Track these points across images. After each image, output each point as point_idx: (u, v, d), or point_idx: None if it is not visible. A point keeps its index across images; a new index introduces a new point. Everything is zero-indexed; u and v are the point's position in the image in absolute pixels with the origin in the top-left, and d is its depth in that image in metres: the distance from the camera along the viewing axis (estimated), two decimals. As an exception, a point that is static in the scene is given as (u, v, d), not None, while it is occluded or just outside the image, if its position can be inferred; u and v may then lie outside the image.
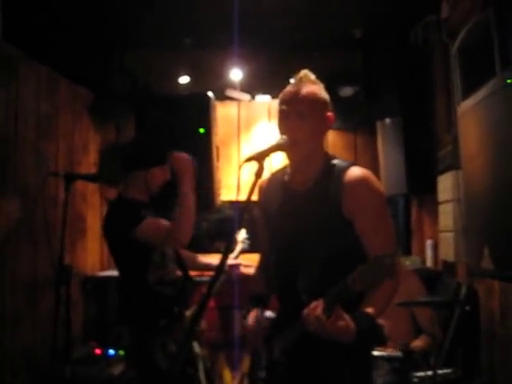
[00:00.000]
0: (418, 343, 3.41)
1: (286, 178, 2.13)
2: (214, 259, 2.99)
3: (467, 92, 2.03)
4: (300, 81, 2.00)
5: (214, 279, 1.79)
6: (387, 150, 4.82)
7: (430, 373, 2.97)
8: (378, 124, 4.94)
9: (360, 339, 1.71)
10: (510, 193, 1.72)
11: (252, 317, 2.10)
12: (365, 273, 1.59)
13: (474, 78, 1.95)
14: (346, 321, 1.68)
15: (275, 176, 2.21)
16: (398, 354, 3.13)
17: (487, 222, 1.92)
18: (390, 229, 1.97)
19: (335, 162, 2.02)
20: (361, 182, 1.92)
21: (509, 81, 1.66)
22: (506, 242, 1.79)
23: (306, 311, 1.69)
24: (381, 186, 2.00)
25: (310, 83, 2.00)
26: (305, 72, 2.03)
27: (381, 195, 1.96)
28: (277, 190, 2.15)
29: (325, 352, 1.87)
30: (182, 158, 2.86)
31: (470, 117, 2.01)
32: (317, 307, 1.67)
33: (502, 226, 1.81)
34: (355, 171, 1.95)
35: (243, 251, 3.64)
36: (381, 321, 2.12)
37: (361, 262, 1.82)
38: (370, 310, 1.78)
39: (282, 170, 2.17)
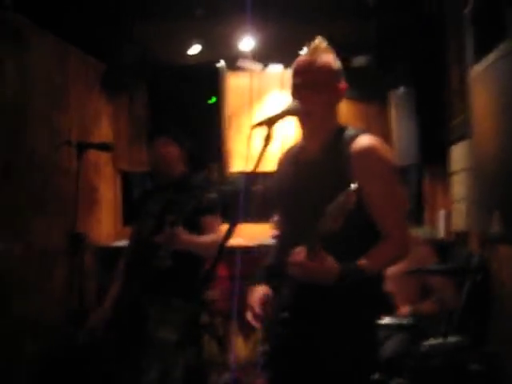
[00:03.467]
0: (425, 307, 3.42)
1: (299, 148, 2.13)
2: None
3: (479, 56, 2.00)
4: (314, 50, 1.98)
5: (220, 249, 1.80)
6: (400, 119, 4.78)
7: (439, 340, 2.99)
8: (391, 94, 4.90)
9: (342, 282, 1.73)
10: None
11: (255, 297, 2.05)
12: (330, 208, 1.62)
13: (486, 41, 1.92)
14: (329, 262, 1.71)
15: (291, 148, 2.21)
16: (407, 321, 3.15)
17: (497, 187, 1.91)
18: (400, 197, 1.95)
19: (347, 131, 2.00)
20: (369, 150, 1.89)
21: (519, 43, 1.64)
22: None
23: (290, 257, 1.73)
24: (390, 154, 1.97)
25: (323, 53, 1.97)
26: (319, 41, 2.00)
27: (389, 164, 1.94)
28: (290, 161, 2.14)
29: (324, 311, 1.88)
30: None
31: (481, 81, 1.98)
32: (300, 252, 1.71)
33: (511, 191, 1.79)
34: (364, 140, 1.92)
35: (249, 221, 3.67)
36: (388, 288, 2.13)
37: (368, 230, 1.83)
38: (361, 261, 1.79)
39: (296, 145, 2.17)
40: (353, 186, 1.61)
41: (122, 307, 2.86)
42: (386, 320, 3.12)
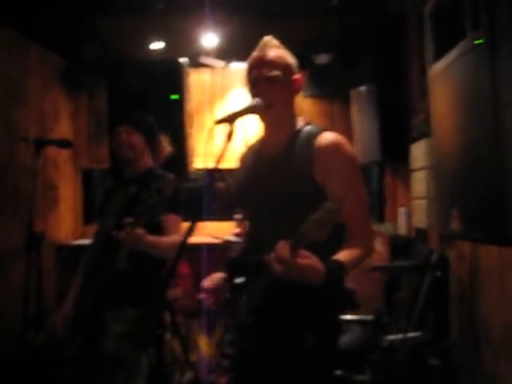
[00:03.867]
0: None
1: (259, 144, 2.14)
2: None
3: (438, 55, 2.02)
4: (264, 45, 2.01)
5: (181, 247, 1.78)
6: (362, 117, 4.82)
7: (399, 335, 3.02)
8: (353, 92, 4.94)
9: (329, 281, 1.70)
10: (478, 155, 1.73)
11: (209, 278, 2.09)
12: (316, 217, 1.59)
13: (445, 40, 1.95)
14: (314, 260, 1.68)
15: (252, 147, 2.22)
16: (369, 317, 3.18)
17: (455, 184, 1.94)
18: (362, 193, 1.96)
19: (307, 127, 2.02)
20: (333, 146, 1.91)
21: (477, 42, 1.66)
22: (474, 204, 1.81)
23: (272, 254, 1.68)
24: (353, 150, 1.99)
25: (274, 47, 2.01)
26: (268, 37, 2.04)
27: (353, 160, 1.96)
28: (251, 158, 2.15)
29: (290, 311, 1.88)
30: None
31: (440, 79, 2.00)
32: (283, 248, 1.65)
33: (470, 189, 1.82)
34: (327, 136, 1.94)
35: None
36: (352, 285, 2.14)
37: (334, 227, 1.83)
38: (339, 259, 1.79)
39: (258, 141, 2.18)
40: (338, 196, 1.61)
41: (81, 310, 2.77)
42: (348, 316, 3.15)
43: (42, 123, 4.75)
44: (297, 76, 2.02)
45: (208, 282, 2.06)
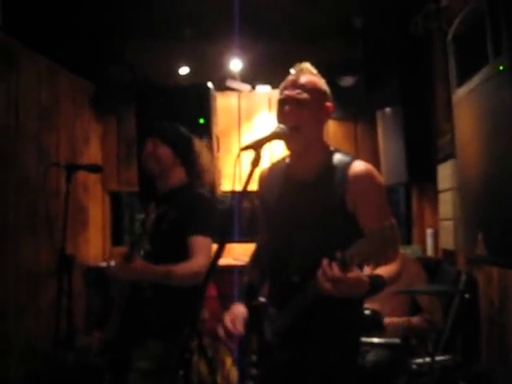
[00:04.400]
0: (416, 321, 3.43)
1: (287, 167, 2.14)
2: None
3: (462, 79, 2.04)
4: (300, 71, 2.04)
5: (211, 269, 1.80)
6: (387, 139, 4.83)
7: (428, 359, 2.99)
8: (378, 113, 4.95)
9: (372, 291, 1.75)
10: (502, 180, 1.74)
11: (230, 313, 2.06)
12: (362, 246, 1.62)
13: (469, 65, 1.97)
14: (360, 274, 1.70)
15: (275, 166, 2.23)
16: (396, 340, 3.16)
17: (480, 209, 1.94)
18: (393, 219, 1.99)
19: (337, 154, 2.05)
20: (365, 175, 1.96)
21: (500, 68, 1.67)
22: (499, 229, 1.80)
23: (321, 271, 1.68)
24: (382, 179, 2.05)
25: (309, 73, 2.04)
26: (305, 64, 2.07)
27: (383, 188, 2.02)
28: (277, 179, 2.16)
29: (316, 335, 1.92)
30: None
31: (464, 104, 2.02)
32: (331, 267, 1.66)
33: (495, 213, 1.82)
34: (359, 165, 1.98)
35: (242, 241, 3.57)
36: (378, 307, 2.15)
37: None
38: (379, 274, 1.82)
39: (282, 161, 2.19)
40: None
41: (108, 342, 2.75)
42: (375, 339, 3.13)
43: (73, 147, 4.85)
44: (328, 104, 2.05)
45: (228, 322, 2.01)
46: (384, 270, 1.84)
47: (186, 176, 2.83)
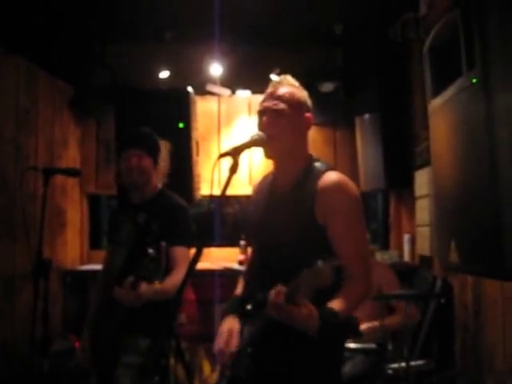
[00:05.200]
0: (389, 321, 3.45)
1: (272, 179, 2.15)
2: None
3: (437, 90, 2.08)
4: (278, 83, 2.06)
5: (188, 273, 1.81)
6: (366, 145, 4.88)
7: (403, 364, 3.03)
8: (357, 119, 5.00)
9: (324, 331, 1.71)
10: (474, 189, 1.77)
11: (222, 330, 2.06)
12: (307, 277, 1.61)
13: (444, 76, 2.00)
14: (310, 309, 1.68)
15: (266, 178, 2.24)
16: (373, 345, 3.19)
17: (454, 217, 1.98)
18: (362, 234, 1.97)
19: (316, 164, 2.03)
20: (334, 187, 1.92)
21: (473, 80, 1.71)
22: (471, 237, 1.84)
23: (270, 297, 1.69)
24: (356, 191, 1.97)
25: (287, 85, 2.05)
26: (285, 76, 2.09)
27: (354, 201, 1.94)
28: (264, 192, 2.17)
29: (290, 345, 1.87)
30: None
31: (439, 114, 2.06)
32: (279, 293, 1.66)
33: (467, 222, 1.86)
34: (330, 176, 1.95)
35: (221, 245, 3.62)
36: (355, 313, 2.16)
37: None
38: (335, 305, 1.78)
39: (272, 173, 2.18)
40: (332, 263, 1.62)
41: (98, 345, 2.79)
42: (352, 344, 3.16)
43: (51, 150, 4.82)
44: (307, 114, 2.04)
45: (221, 344, 2.02)
46: (342, 299, 1.81)
47: (160, 186, 2.94)
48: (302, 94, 2.07)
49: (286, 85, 2.05)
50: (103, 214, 6.08)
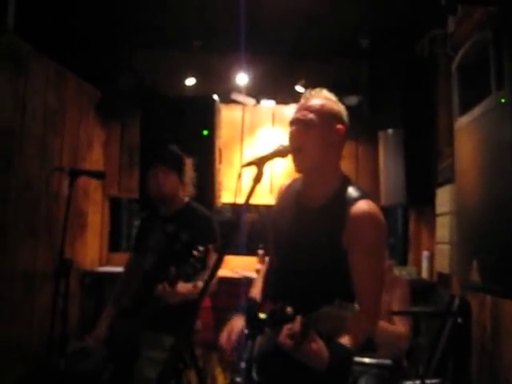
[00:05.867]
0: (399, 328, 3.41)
1: (300, 190, 2.12)
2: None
3: (464, 108, 2.08)
4: (311, 94, 2.04)
5: (207, 281, 1.83)
6: (388, 160, 4.86)
7: (418, 382, 3.00)
8: (380, 134, 4.99)
9: (332, 368, 1.70)
10: (499, 209, 1.77)
11: (228, 332, 2.11)
12: (326, 317, 1.63)
13: (472, 95, 2.00)
14: (320, 346, 1.68)
15: (292, 185, 2.21)
16: (388, 361, 3.16)
17: (476, 235, 1.97)
18: (380, 270, 1.95)
19: (350, 189, 1.99)
20: (364, 217, 1.89)
21: (502, 100, 1.71)
22: (494, 257, 1.83)
23: (283, 332, 1.67)
24: (384, 224, 1.94)
25: (322, 97, 2.02)
26: (319, 89, 2.06)
27: (381, 236, 1.93)
28: (290, 201, 2.14)
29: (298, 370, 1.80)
30: None
31: (465, 133, 2.05)
32: (294, 328, 1.65)
33: (490, 241, 1.85)
34: (362, 206, 1.91)
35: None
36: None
37: (347, 295, 1.81)
38: (346, 340, 1.77)
39: (299, 180, 2.16)
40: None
41: (119, 339, 2.86)
42: (367, 359, 3.14)
43: (76, 152, 4.88)
44: (339, 126, 2.01)
45: (227, 337, 2.07)
46: (354, 332, 1.79)
47: (186, 199, 3.11)
48: (335, 106, 2.03)
49: (320, 97, 2.02)
50: (124, 217, 6.14)
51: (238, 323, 2.11)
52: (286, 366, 1.85)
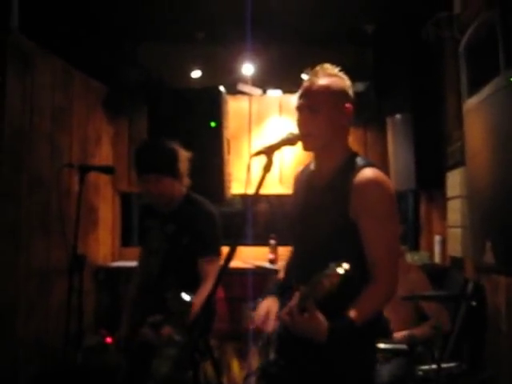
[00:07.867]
0: (420, 331, 3.42)
1: (312, 171, 2.12)
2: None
3: (473, 89, 2.06)
4: (315, 75, 1.98)
5: (222, 271, 1.83)
6: (397, 145, 4.84)
7: (434, 366, 3.00)
8: (388, 120, 4.96)
9: (333, 339, 1.71)
10: (511, 189, 1.76)
11: (262, 307, 2.08)
12: (316, 283, 1.61)
13: (480, 75, 1.99)
14: (318, 319, 1.68)
15: (306, 168, 2.21)
16: (403, 346, 3.16)
17: (489, 217, 1.96)
18: (392, 237, 1.92)
19: (356, 159, 1.97)
20: (369, 184, 1.87)
21: (511, 79, 1.69)
22: (507, 238, 1.82)
23: (282, 311, 1.70)
24: (391, 189, 1.91)
25: (325, 76, 1.97)
26: (321, 66, 2.01)
27: (388, 200, 1.89)
28: (304, 182, 2.15)
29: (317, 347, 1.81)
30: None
31: (474, 114, 2.04)
32: (291, 303, 1.67)
33: (503, 222, 1.84)
34: (366, 173, 1.89)
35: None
36: (384, 313, 2.15)
37: (359, 265, 1.80)
38: (351, 313, 1.76)
39: (312, 161, 2.14)
40: (342, 268, 1.58)
41: (133, 337, 2.90)
42: (382, 345, 3.13)
43: (85, 148, 4.90)
44: (347, 105, 1.97)
45: (259, 323, 2.05)
46: (362, 303, 1.79)
47: (180, 187, 2.97)
48: (341, 83, 1.99)
49: (323, 76, 1.97)
50: (135, 211, 6.16)
51: (272, 306, 2.07)
52: (297, 346, 1.86)
